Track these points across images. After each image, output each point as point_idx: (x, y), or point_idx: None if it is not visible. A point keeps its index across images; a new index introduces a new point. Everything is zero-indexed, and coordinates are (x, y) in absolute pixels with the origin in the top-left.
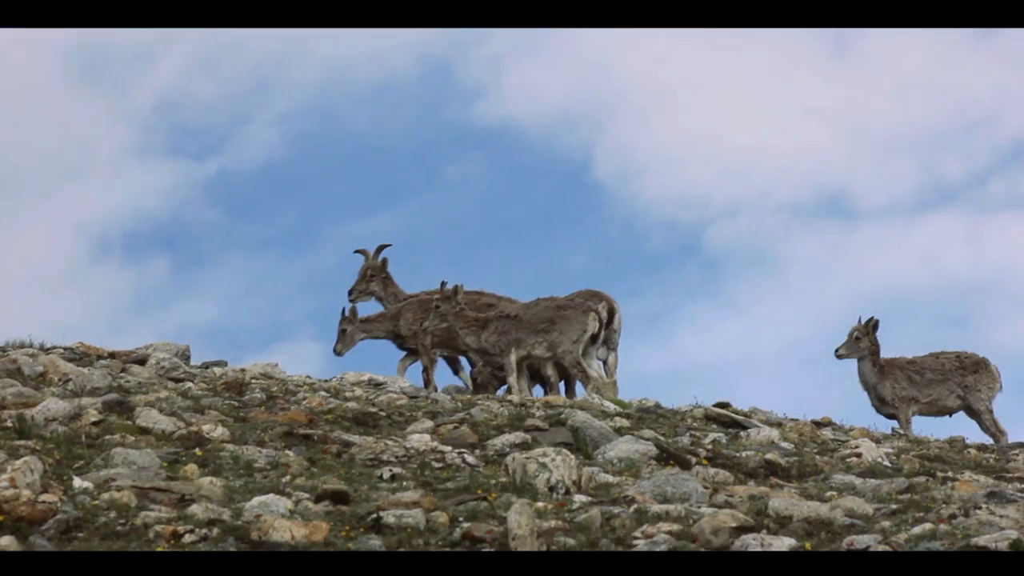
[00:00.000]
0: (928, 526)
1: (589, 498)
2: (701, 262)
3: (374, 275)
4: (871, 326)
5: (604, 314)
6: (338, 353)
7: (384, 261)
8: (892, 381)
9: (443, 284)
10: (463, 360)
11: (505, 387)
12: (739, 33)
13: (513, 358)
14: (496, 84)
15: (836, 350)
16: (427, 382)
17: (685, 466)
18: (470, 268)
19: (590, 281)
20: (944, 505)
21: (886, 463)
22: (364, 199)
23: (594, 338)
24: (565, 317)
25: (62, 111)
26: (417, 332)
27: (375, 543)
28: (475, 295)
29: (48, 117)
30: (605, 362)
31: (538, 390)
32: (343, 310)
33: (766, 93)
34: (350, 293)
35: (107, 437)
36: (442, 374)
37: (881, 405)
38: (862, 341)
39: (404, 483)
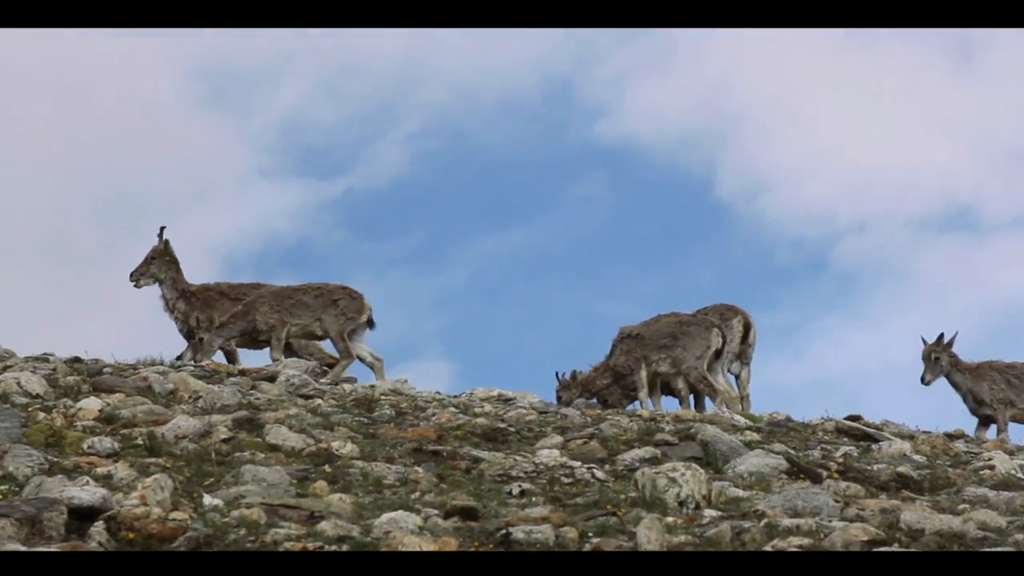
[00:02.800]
0: None
1: (719, 513)
2: (831, 277)
3: (155, 257)
4: (943, 341)
5: (740, 328)
6: (198, 362)
7: (166, 243)
8: (990, 383)
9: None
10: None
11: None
12: (861, 45)
13: (643, 375)
14: (618, 103)
15: (922, 378)
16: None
17: (816, 480)
18: (600, 283)
19: (721, 295)
20: None
21: (1019, 475)
22: (491, 216)
23: (718, 353)
24: (688, 333)
25: (187, 134)
26: (274, 325)
27: None
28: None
29: (174, 140)
30: (738, 376)
31: (670, 403)
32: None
33: (889, 106)
34: (131, 276)
35: (237, 454)
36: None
37: (979, 407)
38: (941, 359)
39: (533, 499)
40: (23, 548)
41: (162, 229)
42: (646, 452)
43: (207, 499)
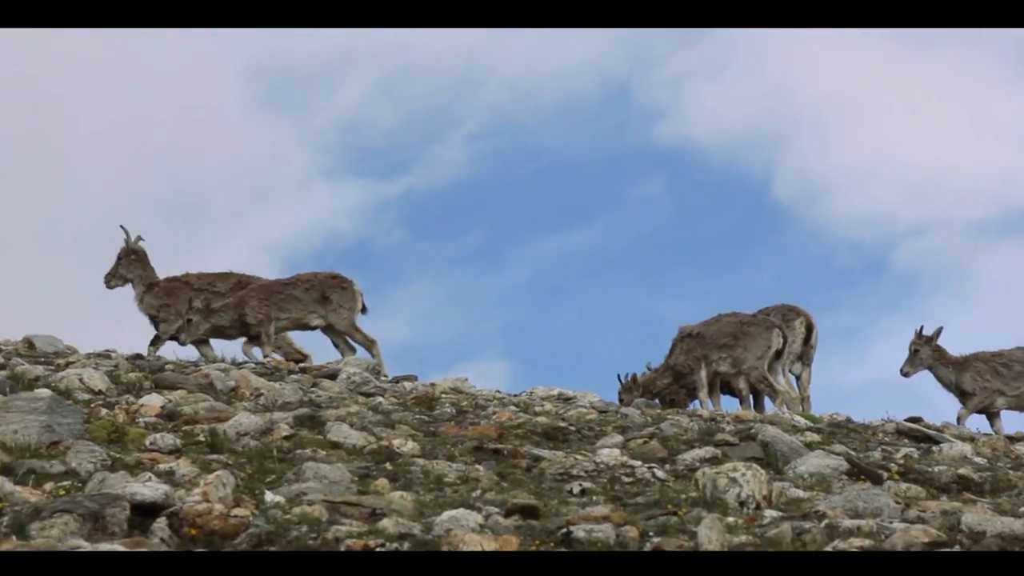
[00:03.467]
0: None
1: (780, 513)
2: (891, 279)
3: (121, 257)
4: (924, 335)
5: (802, 329)
6: (183, 343)
7: (130, 241)
8: (973, 373)
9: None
10: None
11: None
12: (920, 46)
13: (703, 374)
14: (676, 105)
15: (900, 369)
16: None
17: (876, 481)
18: (659, 283)
19: (781, 296)
20: None
21: None
22: (551, 216)
23: (779, 353)
24: (749, 333)
25: (248, 135)
26: (262, 319)
27: None
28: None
29: (234, 141)
30: (799, 377)
31: (729, 402)
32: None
33: (949, 108)
34: (104, 279)
35: (298, 451)
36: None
37: (964, 398)
38: (922, 351)
39: (594, 497)
40: (86, 544)
41: (123, 228)
42: (706, 452)
43: (269, 496)
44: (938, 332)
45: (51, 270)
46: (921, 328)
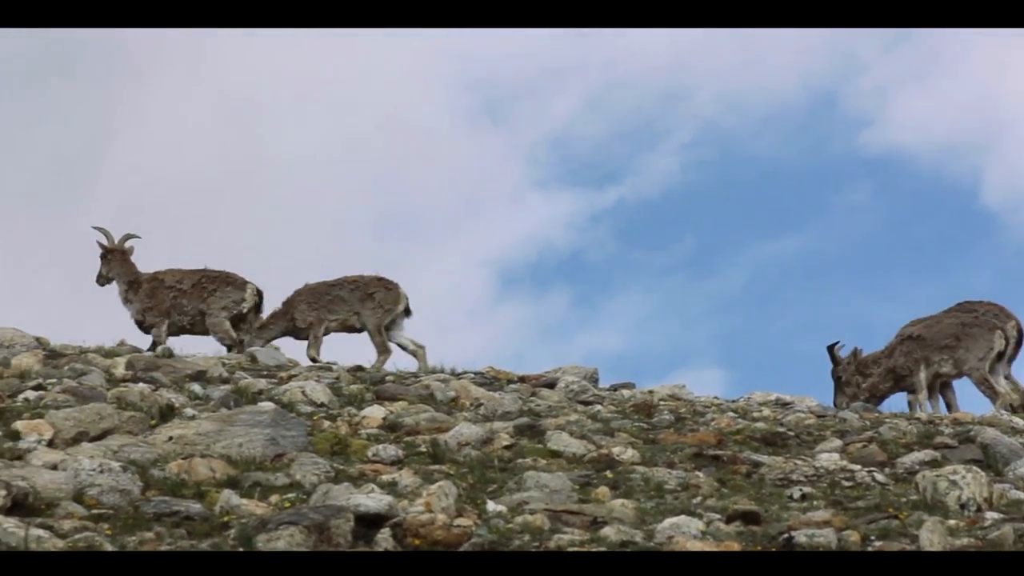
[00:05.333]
0: None
1: (1001, 515)
2: None
3: (103, 256)
4: (835, 353)
5: (1012, 333)
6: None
7: (123, 239)
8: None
9: None
10: None
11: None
12: None
13: (923, 376)
14: (882, 113)
15: (834, 403)
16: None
17: None
18: (872, 288)
19: (999, 300)
20: None
21: None
22: (762, 224)
23: (1000, 355)
24: (971, 335)
25: (459, 148)
26: (312, 322)
27: None
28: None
29: (446, 154)
30: (1007, 378)
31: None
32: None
33: None
34: (96, 280)
35: (519, 461)
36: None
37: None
38: (844, 375)
39: (815, 502)
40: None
41: (99, 229)
42: (926, 455)
43: (491, 505)
44: (833, 348)
45: (269, 282)
46: (830, 347)
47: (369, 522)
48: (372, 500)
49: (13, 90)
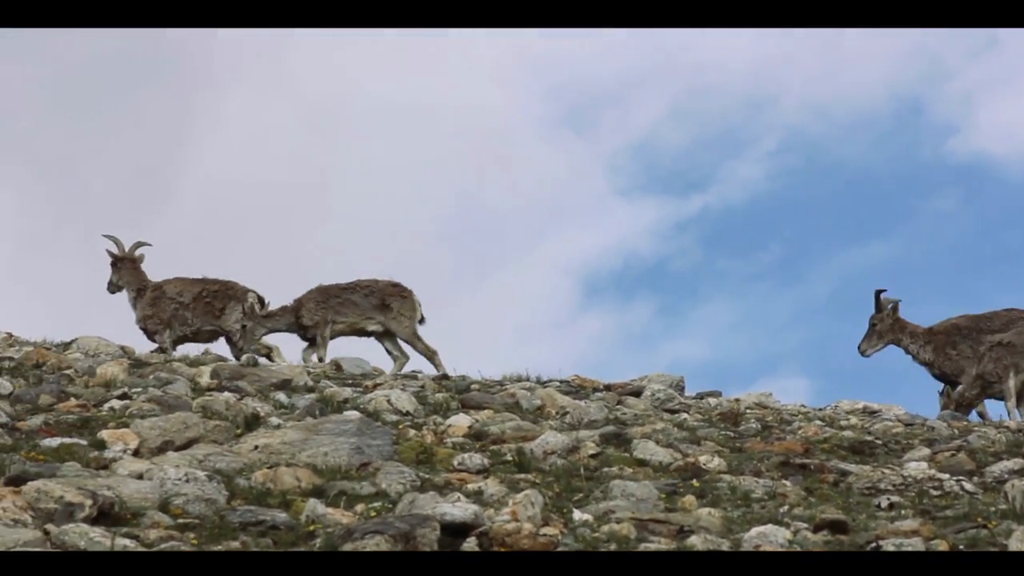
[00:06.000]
0: None
1: None
2: None
3: (112, 264)
4: (884, 308)
5: None
6: (241, 350)
7: (134, 247)
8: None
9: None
10: None
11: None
12: None
13: (1012, 383)
14: (968, 120)
15: (858, 347)
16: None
17: None
18: (961, 296)
19: None
20: None
21: None
22: (848, 231)
23: None
24: None
25: (542, 155)
26: (318, 322)
27: None
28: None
29: (530, 163)
30: None
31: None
32: (243, 307)
33: None
34: (107, 288)
35: (605, 469)
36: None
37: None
38: (879, 326)
39: (902, 511)
40: None
41: (110, 237)
42: (1015, 464)
43: (577, 514)
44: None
45: None
46: (877, 294)
47: (455, 531)
48: (458, 509)
49: (96, 96)
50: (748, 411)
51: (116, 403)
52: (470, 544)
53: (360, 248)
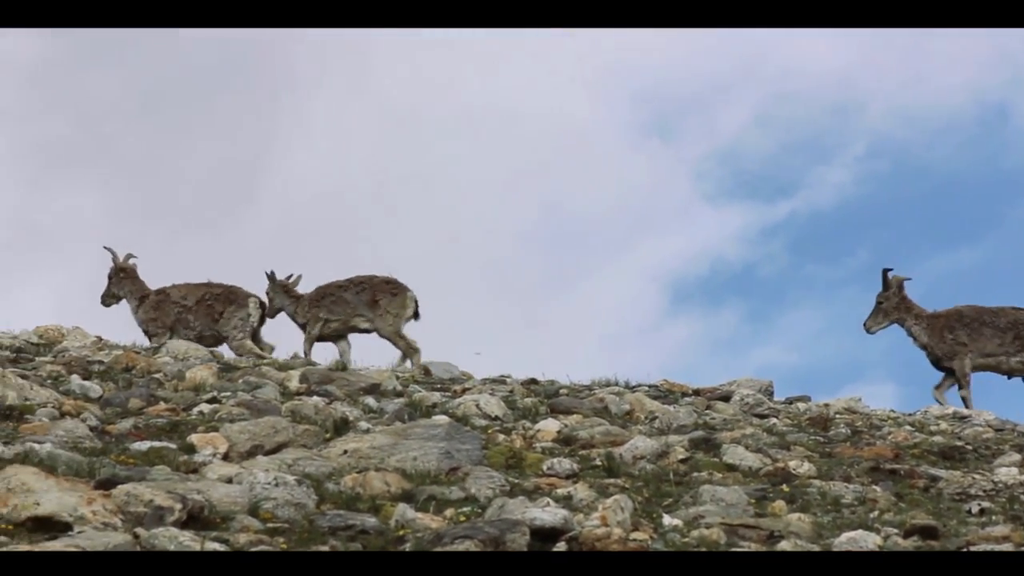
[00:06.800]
0: None
1: None
2: None
3: (110, 276)
4: (891, 286)
5: None
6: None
7: (124, 259)
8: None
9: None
10: None
11: None
12: None
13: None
14: None
15: (864, 324)
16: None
17: None
18: None
19: None
20: None
21: None
22: (936, 237)
23: None
24: None
25: (627, 161)
26: (309, 319)
27: None
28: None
29: (616, 170)
30: None
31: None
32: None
33: None
34: (101, 299)
35: (694, 474)
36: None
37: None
38: (885, 304)
39: (993, 517)
40: None
41: (109, 249)
42: None
43: (666, 519)
44: (895, 281)
45: (435, 298)
46: (884, 273)
47: (545, 536)
48: (548, 514)
49: (182, 99)
50: (837, 416)
51: (205, 407)
52: (560, 549)
53: (441, 254)
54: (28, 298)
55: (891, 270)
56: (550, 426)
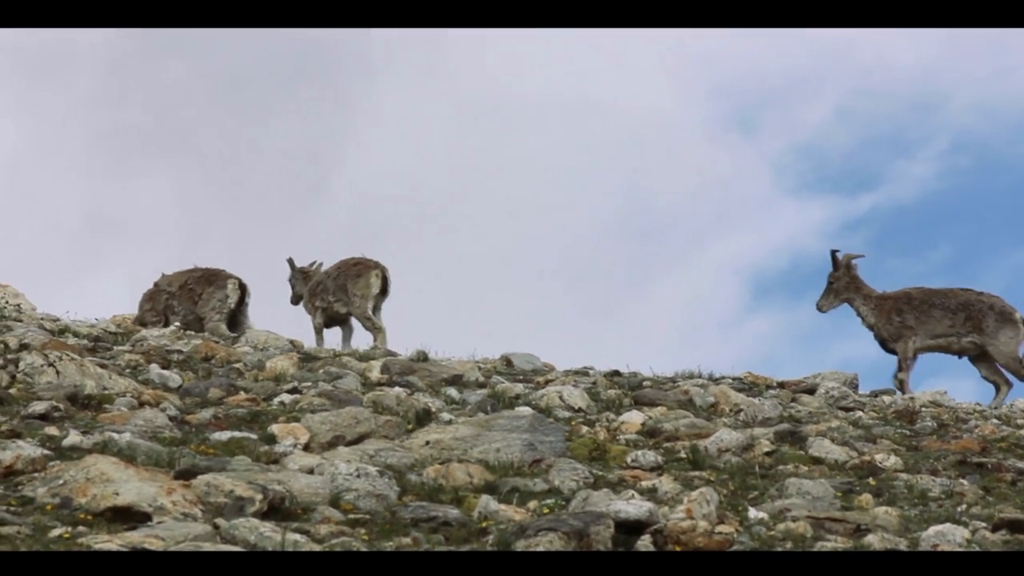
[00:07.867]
0: None
1: None
2: None
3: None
4: (842, 263)
5: None
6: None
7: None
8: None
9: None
10: None
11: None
12: None
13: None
14: None
15: (816, 304)
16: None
17: None
18: None
19: None
20: None
21: None
22: (1020, 231)
23: None
24: None
25: (708, 154)
26: (311, 312)
27: None
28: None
29: (696, 163)
30: None
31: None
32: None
33: None
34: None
35: (780, 467)
36: None
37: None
38: (835, 284)
39: None
40: None
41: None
42: None
43: (752, 512)
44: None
45: (524, 289)
46: (833, 253)
47: (629, 528)
48: (632, 506)
49: (255, 93)
50: (923, 409)
51: (286, 397)
52: (644, 542)
53: (517, 247)
54: (104, 287)
55: (838, 250)
56: (634, 418)
